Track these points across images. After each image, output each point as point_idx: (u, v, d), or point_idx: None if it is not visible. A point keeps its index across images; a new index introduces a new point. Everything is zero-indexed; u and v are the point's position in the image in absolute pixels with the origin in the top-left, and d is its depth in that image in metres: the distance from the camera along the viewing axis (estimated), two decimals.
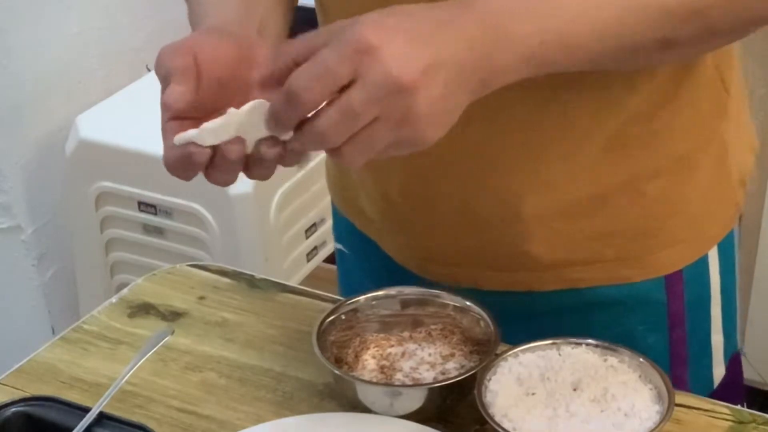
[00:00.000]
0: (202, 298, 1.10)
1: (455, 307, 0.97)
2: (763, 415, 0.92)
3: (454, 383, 0.89)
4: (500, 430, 0.83)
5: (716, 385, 1.05)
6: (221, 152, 0.75)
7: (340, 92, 0.71)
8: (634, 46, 0.79)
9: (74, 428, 0.83)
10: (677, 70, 0.92)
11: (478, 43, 0.73)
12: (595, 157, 0.93)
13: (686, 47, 0.82)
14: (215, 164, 0.76)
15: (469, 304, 0.96)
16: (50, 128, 2.02)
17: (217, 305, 1.09)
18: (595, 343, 0.91)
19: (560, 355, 0.90)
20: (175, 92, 0.76)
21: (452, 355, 0.95)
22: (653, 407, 0.85)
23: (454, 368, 0.94)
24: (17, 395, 0.92)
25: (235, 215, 1.85)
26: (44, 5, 1.96)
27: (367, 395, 0.90)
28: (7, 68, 1.91)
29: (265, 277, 1.13)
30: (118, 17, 2.11)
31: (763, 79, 1.97)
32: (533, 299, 0.99)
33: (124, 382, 0.90)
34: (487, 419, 0.84)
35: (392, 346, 0.97)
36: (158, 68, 0.79)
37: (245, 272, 1.14)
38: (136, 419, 0.88)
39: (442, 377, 0.93)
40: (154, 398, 0.96)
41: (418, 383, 0.92)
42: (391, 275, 1.04)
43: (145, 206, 1.92)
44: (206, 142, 0.74)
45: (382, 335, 0.98)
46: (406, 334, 0.98)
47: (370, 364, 0.95)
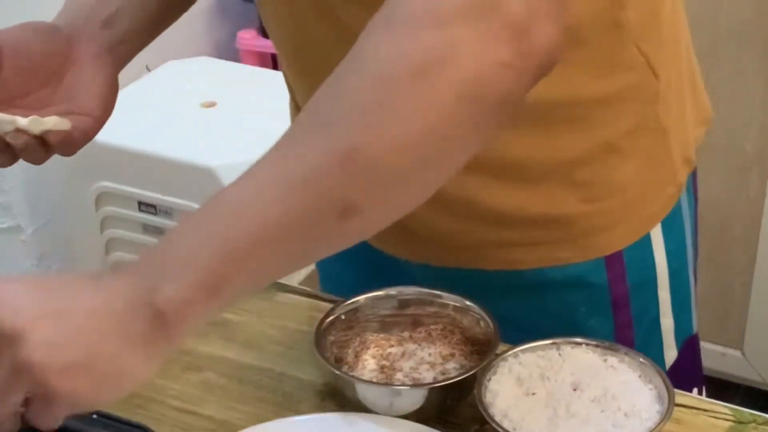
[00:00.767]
0: None
1: (455, 307, 0.97)
2: (763, 415, 0.92)
3: (454, 383, 0.89)
4: (500, 430, 0.83)
5: (668, 368, 1.04)
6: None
7: None
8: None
9: (74, 428, 0.83)
10: (597, 63, 0.91)
11: (138, 279, 0.68)
12: (519, 143, 0.92)
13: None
14: None
15: (469, 304, 0.96)
16: None
17: None
18: (595, 343, 0.91)
19: (560, 355, 0.90)
20: None
21: (452, 355, 0.95)
22: (653, 407, 0.85)
23: (454, 368, 0.94)
24: None
25: None
26: (44, 6, 1.96)
27: (367, 395, 0.90)
28: None
29: None
30: None
31: (763, 79, 1.97)
32: (481, 277, 1.00)
33: None
34: (487, 419, 0.84)
35: (392, 346, 0.97)
36: None
37: None
38: (136, 419, 0.87)
39: (442, 377, 0.93)
40: (154, 398, 0.96)
41: (418, 383, 0.92)
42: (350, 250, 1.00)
43: (145, 206, 1.92)
44: None
45: (382, 335, 0.98)
46: (406, 334, 0.98)
47: (370, 364, 0.95)
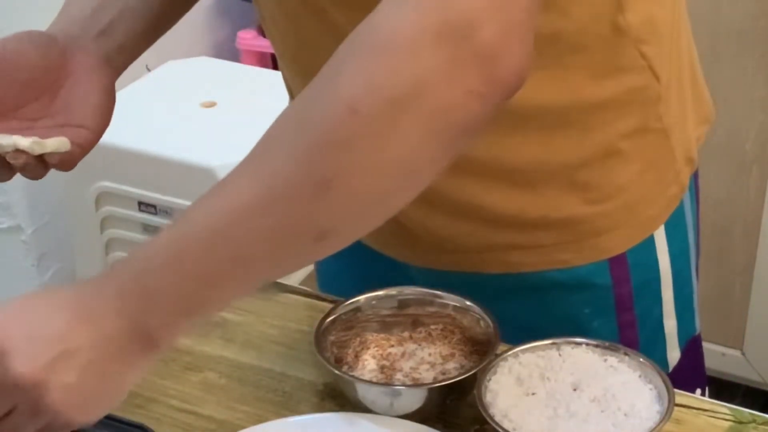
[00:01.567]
0: None
1: (455, 307, 0.97)
2: (763, 415, 0.92)
3: (454, 383, 0.89)
4: (500, 430, 0.83)
5: (671, 369, 1.04)
6: None
7: None
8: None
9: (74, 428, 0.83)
10: (598, 66, 0.90)
11: (125, 312, 0.72)
12: (519, 146, 0.92)
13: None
14: None
15: (469, 304, 0.96)
16: None
17: None
18: (595, 343, 0.91)
19: (560, 355, 0.90)
20: None
21: (452, 355, 0.95)
22: (653, 407, 0.85)
23: (454, 368, 0.94)
24: None
25: None
26: (44, 6, 1.96)
27: (367, 395, 0.90)
28: None
29: None
30: None
31: (763, 79, 1.97)
32: (482, 281, 0.99)
33: None
34: (487, 419, 0.84)
35: (392, 346, 0.97)
36: None
37: None
38: (136, 419, 0.88)
39: (442, 377, 0.93)
40: (154, 398, 0.96)
41: (418, 383, 0.92)
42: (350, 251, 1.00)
43: (145, 206, 1.92)
44: None
45: (382, 335, 0.98)
46: (406, 334, 0.98)
47: (370, 364, 0.95)
